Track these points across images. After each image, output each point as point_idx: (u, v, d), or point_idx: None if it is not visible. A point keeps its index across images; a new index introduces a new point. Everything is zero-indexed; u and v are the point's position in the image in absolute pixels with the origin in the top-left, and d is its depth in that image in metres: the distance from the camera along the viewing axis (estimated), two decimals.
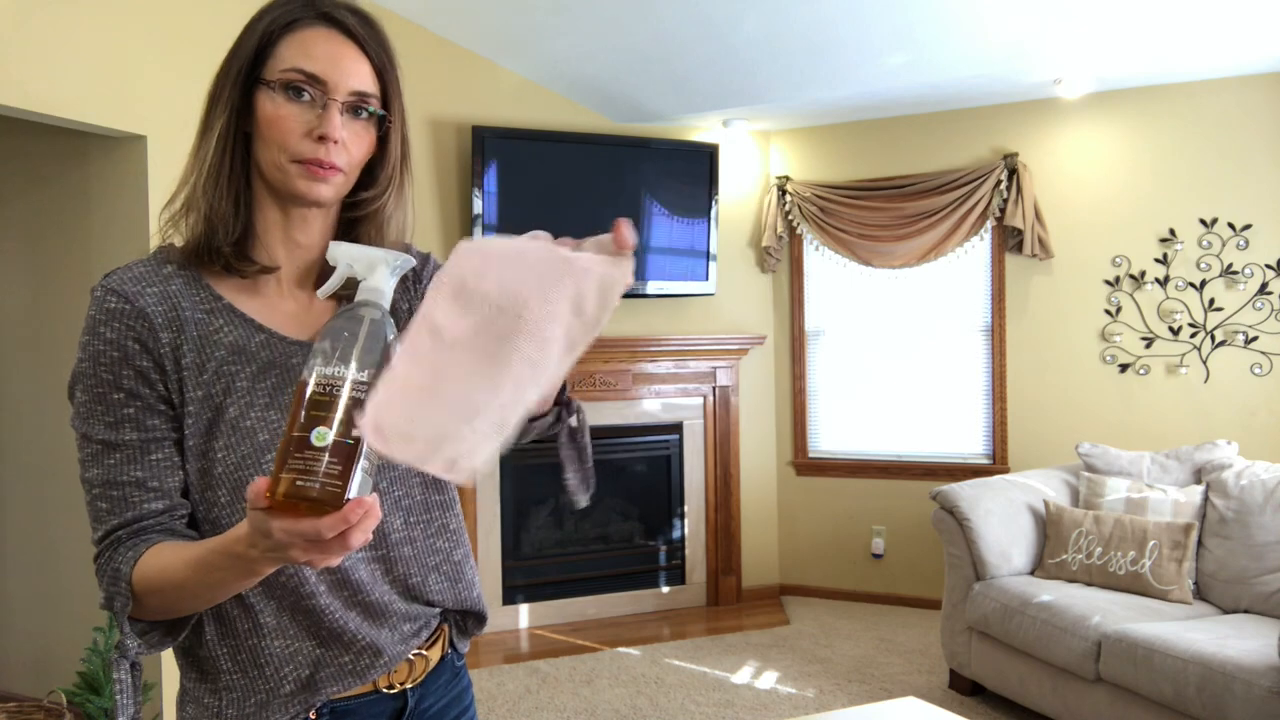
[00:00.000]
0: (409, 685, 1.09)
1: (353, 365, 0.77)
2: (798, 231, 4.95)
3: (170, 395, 0.96)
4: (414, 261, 0.88)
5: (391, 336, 0.80)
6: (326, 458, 0.74)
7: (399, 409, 0.75)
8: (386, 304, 0.83)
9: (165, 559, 0.90)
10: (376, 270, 0.84)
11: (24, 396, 3.47)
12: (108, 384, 0.95)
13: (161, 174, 3.05)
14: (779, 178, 4.95)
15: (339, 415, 0.75)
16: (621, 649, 4.19)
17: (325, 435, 0.75)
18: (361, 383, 0.76)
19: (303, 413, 0.75)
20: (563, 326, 0.82)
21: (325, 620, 1.00)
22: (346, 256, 0.86)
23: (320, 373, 0.76)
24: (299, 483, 0.74)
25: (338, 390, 0.76)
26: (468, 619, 1.16)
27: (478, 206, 4.23)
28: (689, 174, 4.67)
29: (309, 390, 0.76)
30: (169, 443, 0.96)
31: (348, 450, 0.75)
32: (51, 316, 3.37)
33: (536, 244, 0.87)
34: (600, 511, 4.76)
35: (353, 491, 0.75)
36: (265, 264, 1.01)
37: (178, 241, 1.02)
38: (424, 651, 1.10)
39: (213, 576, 0.86)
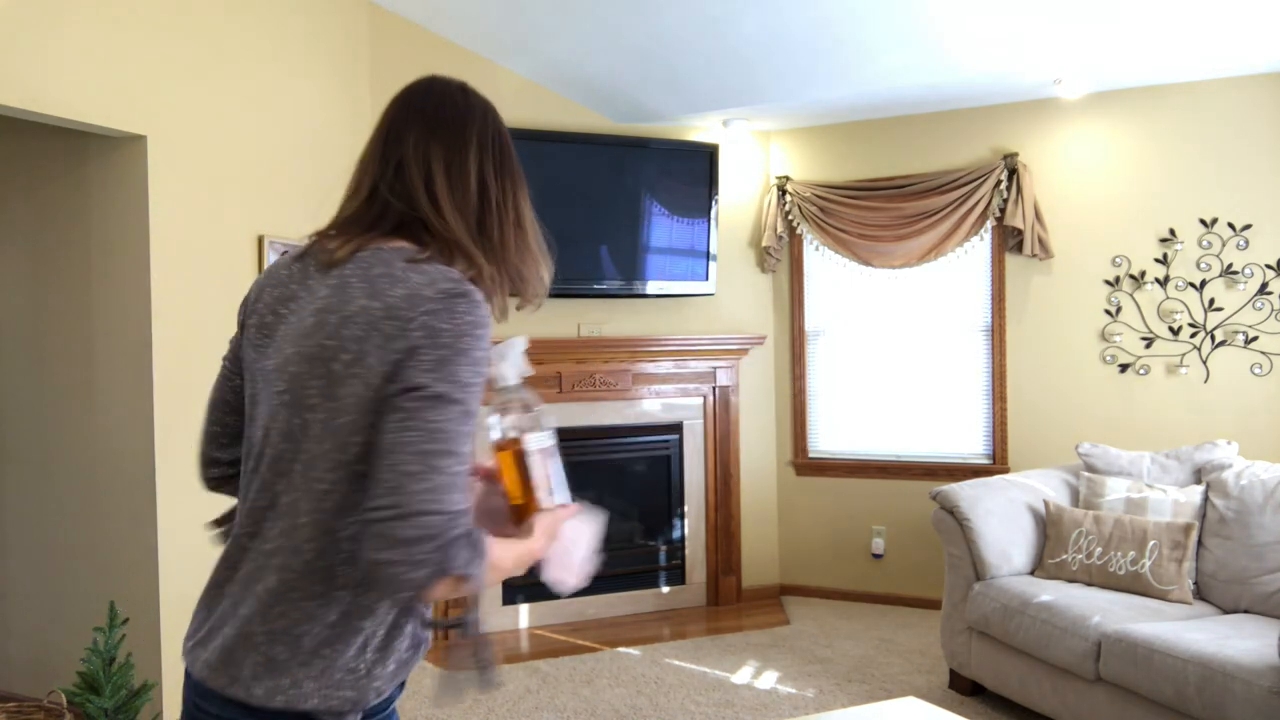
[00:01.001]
0: None
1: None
2: (798, 231, 4.95)
3: None
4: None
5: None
6: None
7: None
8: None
9: (498, 548, 1.08)
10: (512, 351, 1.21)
11: (24, 396, 3.47)
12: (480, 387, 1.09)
13: (162, 174, 3.04)
14: (779, 178, 4.95)
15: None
16: (621, 649, 4.19)
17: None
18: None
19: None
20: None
21: None
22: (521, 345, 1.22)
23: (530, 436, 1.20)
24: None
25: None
26: None
27: None
28: (689, 174, 4.67)
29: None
30: None
31: None
32: (51, 316, 3.37)
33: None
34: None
35: None
36: None
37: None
38: None
39: (521, 570, 1.13)
